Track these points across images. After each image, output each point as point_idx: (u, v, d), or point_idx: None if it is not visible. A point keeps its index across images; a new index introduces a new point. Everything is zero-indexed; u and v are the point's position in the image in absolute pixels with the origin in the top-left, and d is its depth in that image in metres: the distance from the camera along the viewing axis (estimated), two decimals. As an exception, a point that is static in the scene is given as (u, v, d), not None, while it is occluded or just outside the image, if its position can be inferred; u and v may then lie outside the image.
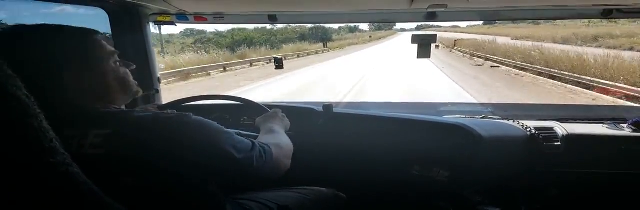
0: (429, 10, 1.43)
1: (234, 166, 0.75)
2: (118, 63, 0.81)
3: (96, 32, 0.79)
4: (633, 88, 6.99)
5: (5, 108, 0.41)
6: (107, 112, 0.73)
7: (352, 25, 46.94)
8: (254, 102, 1.39)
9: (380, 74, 12.17)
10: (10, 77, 0.42)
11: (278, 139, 0.97)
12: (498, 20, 1.76)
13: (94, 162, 0.64)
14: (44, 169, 0.45)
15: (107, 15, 1.50)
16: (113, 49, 0.80)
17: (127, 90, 0.83)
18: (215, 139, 0.73)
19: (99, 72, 0.76)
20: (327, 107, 1.52)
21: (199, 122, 0.73)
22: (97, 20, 1.51)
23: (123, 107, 0.83)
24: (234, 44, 23.47)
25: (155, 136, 0.67)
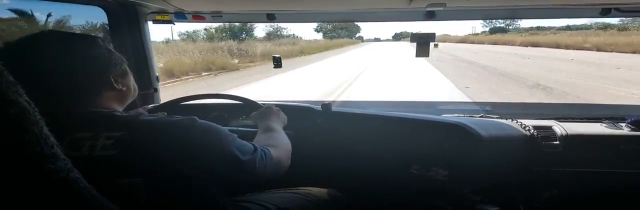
0: (428, 9, 1.43)
1: (238, 168, 0.78)
2: (127, 68, 0.85)
3: (104, 39, 0.82)
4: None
5: (6, 114, 0.41)
6: (119, 116, 0.75)
7: (238, 24, 28.13)
8: (251, 100, 1.39)
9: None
10: (11, 84, 0.43)
11: (276, 139, 0.99)
12: (496, 19, 1.76)
13: (105, 163, 0.66)
14: (45, 174, 0.45)
15: (105, 14, 1.50)
16: (121, 56, 0.83)
17: (134, 93, 0.88)
18: (221, 142, 0.76)
19: (112, 77, 0.79)
20: (326, 105, 1.52)
21: (206, 125, 0.76)
22: (95, 18, 1.51)
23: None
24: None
25: (164, 139, 0.70)
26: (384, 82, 9.54)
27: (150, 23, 1.62)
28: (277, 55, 1.89)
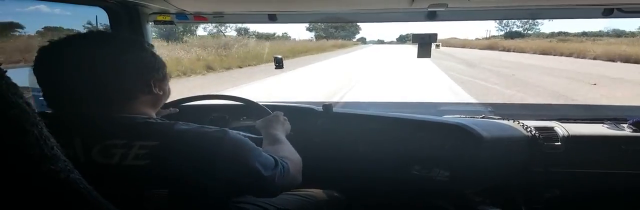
0: (430, 9, 1.43)
1: (259, 182, 0.77)
2: (167, 72, 0.83)
3: (148, 43, 0.79)
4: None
5: (6, 116, 0.41)
6: (153, 123, 0.73)
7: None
8: (255, 103, 1.39)
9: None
10: (11, 86, 0.42)
11: (288, 152, 0.97)
12: (496, 19, 1.75)
13: (134, 173, 0.65)
14: (44, 175, 0.45)
15: (106, 15, 1.50)
16: (162, 59, 0.81)
17: (168, 97, 0.86)
18: (247, 156, 0.75)
19: (152, 82, 0.77)
20: (327, 106, 1.52)
21: (236, 139, 0.75)
22: (97, 19, 1.51)
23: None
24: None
25: (196, 150, 0.69)
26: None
27: (151, 24, 1.62)
28: (279, 56, 1.89)
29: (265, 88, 8.66)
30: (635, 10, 1.37)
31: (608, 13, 1.39)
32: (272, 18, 1.58)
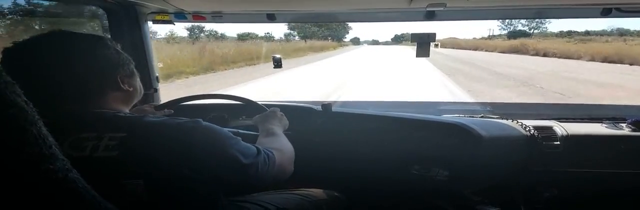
0: (428, 9, 1.43)
1: (240, 171, 0.77)
2: (134, 69, 0.84)
3: (112, 39, 0.81)
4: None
5: (5, 115, 0.41)
6: (123, 116, 0.74)
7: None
8: (252, 101, 1.39)
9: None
10: (9, 84, 0.42)
11: (280, 143, 0.97)
12: (495, 19, 1.75)
13: (107, 164, 0.66)
14: (43, 174, 0.45)
15: (105, 14, 1.50)
16: (128, 56, 0.83)
17: (140, 94, 0.88)
18: (223, 144, 0.75)
19: (119, 78, 0.79)
20: (326, 106, 1.52)
21: (209, 128, 0.75)
22: (95, 18, 1.51)
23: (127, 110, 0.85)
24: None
25: (167, 140, 0.69)
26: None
27: (150, 23, 1.62)
28: (277, 56, 1.88)
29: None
30: (633, 10, 1.37)
31: (606, 13, 1.39)
32: (271, 17, 1.58)
